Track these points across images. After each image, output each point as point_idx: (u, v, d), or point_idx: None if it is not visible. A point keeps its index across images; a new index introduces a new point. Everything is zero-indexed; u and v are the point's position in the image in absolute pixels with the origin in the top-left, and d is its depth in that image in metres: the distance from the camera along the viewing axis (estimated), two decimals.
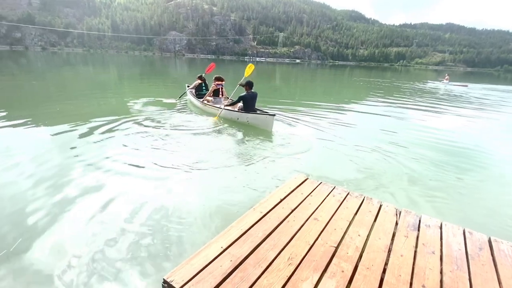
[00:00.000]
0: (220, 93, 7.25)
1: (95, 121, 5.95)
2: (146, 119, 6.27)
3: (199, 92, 8.12)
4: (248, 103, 5.90)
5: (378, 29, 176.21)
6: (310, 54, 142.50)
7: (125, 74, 20.97)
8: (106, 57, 53.14)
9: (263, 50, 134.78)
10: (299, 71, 41.57)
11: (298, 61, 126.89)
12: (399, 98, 12.84)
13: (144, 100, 8.77)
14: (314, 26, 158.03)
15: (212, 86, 7.31)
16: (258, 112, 5.93)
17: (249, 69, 6.77)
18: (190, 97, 8.06)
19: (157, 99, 8.98)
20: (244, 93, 5.92)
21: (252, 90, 5.98)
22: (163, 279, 1.50)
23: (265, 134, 5.41)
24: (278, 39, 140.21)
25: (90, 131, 5.30)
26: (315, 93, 15.17)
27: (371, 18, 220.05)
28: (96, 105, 7.92)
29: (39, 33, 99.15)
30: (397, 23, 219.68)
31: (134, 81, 16.40)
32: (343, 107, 9.73)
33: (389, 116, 8.32)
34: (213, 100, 7.10)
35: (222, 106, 6.35)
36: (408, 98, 13.02)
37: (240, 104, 6.03)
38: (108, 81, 15.61)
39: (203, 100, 7.13)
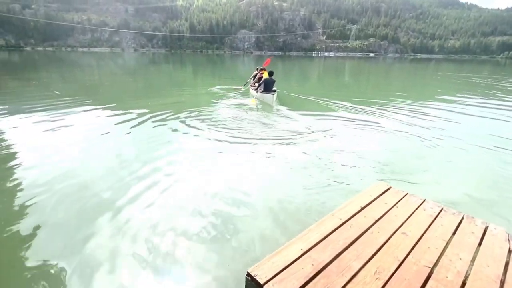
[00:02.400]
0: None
1: (175, 111, 7.02)
2: (216, 108, 7.50)
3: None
4: (268, 86, 8.67)
5: (476, 15, 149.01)
6: (386, 47, 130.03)
7: (199, 71, 23.02)
8: (183, 56, 58.96)
9: (332, 44, 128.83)
10: (371, 66, 38.73)
11: (372, 55, 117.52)
12: (498, 98, 10.75)
13: (215, 90, 10.56)
14: (393, 16, 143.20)
15: (257, 75, 9.83)
16: (271, 92, 8.38)
17: (265, 74, 9.12)
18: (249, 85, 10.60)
19: (224, 87, 11.09)
20: (266, 79, 8.74)
21: (271, 77, 8.83)
22: (247, 271, 1.58)
23: (336, 135, 5.54)
24: (350, 32, 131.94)
25: (170, 120, 6.26)
26: (390, 89, 13.95)
27: (467, 3, 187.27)
28: (176, 98, 9.32)
29: (132, 37, 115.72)
30: (503, 7, 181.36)
31: (207, 76, 18.09)
32: (426, 105, 8.72)
33: (497, 119, 7.10)
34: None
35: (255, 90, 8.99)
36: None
37: (261, 87, 8.72)
38: (185, 77, 17.55)
39: (250, 86, 9.85)
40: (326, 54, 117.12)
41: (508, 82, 17.23)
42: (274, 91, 8.62)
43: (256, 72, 10.42)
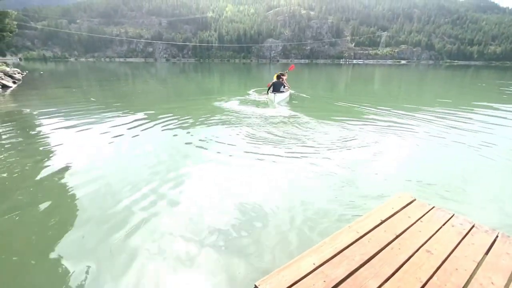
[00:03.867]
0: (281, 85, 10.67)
1: (203, 118, 7.28)
2: (240, 116, 7.63)
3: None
4: (276, 87, 10.32)
5: None
6: (419, 53, 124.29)
7: (226, 79, 23.60)
8: (212, 65, 60.91)
9: (361, 51, 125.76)
10: (402, 73, 37.08)
11: (403, 62, 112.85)
12: None
13: (239, 99, 10.63)
14: (427, 21, 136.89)
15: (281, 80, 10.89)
16: (275, 92, 9.96)
17: (275, 76, 10.95)
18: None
19: (249, 94, 11.63)
20: (274, 81, 10.54)
21: (279, 79, 10.56)
22: (255, 285, 1.54)
23: (361, 142, 5.43)
24: (380, 39, 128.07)
25: (195, 127, 6.48)
26: (423, 97, 13.30)
27: (508, 8, 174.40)
28: (203, 105, 9.62)
29: (165, 47, 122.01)
30: None
31: (233, 84, 18.49)
32: (462, 115, 8.21)
33: None
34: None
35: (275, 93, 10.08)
36: None
37: (271, 88, 10.40)
38: (212, 85, 18.13)
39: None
40: (354, 61, 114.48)
41: None
42: (281, 91, 10.33)
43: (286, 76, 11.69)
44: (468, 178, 3.87)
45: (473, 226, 2.09)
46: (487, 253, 1.81)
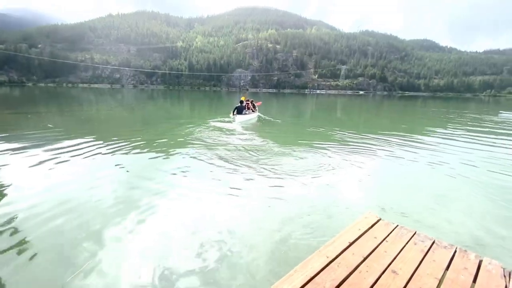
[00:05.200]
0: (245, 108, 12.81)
1: (169, 146, 7.11)
2: (209, 142, 7.61)
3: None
4: (238, 110, 12.17)
5: (456, 57, 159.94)
6: (375, 85, 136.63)
7: (195, 106, 23.57)
8: (182, 93, 60.85)
9: (324, 82, 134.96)
10: (362, 103, 40.04)
11: (361, 92, 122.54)
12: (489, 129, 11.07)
13: (208, 125, 10.74)
14: (379, 57, 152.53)
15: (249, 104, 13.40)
16: (236, 115, 11.79)
17: (243, 98, 13.22)
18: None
19: (219, 119, 11.91)
20: (237, 105, 12.39)
21: (241, 104, 12.46)
22: None
23: (327, 165, 5.67)
24: (340, 72, 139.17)
25: (162, 155, 6.21)
26: (382, 123, 14.33)
27: (446, 46, 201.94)
28: (171, 132, 9.53)
29: (132, 74, 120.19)
30: (480, 50, 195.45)
31: (203, 110, 18.49)
32: (417, 138, 8.94)
33: (476, 149, 7.23)
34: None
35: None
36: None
37: (235, 111, 12.17)
38: (181, 111, 17.95)
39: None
40: (318, 91, 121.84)
41: (492, 117, 17.90)
42: (245, 113, 12.40)
43: (250, 102, 13.85)
44: (427, 194, 4.13)
45: (433, 243, 2.17)
46: (447, 268, 1.87)
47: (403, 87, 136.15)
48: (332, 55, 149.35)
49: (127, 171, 5.03)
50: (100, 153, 6.25)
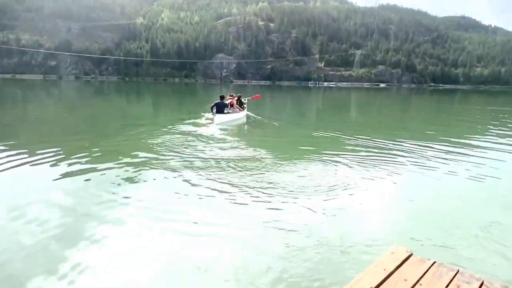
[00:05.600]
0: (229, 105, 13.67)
1: (126, 157, 7.16)
2: (181, 152, 7.77)
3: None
4: (218, 107, 12.84)
5: (503, 40, 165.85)
6: (399, 76, 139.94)
7: (161, 104, 23.48)
8: (142, 86, 60.65)
9: (333, 72, 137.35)
10: (383, 99, 40.88)
11: (382, 85, 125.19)
12: None
13: (179, 130, 10.92)
14: (405, 39, 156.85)
15: (235, 100, 14.40)
16: (215, 113, 12.63)
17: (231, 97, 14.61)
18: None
19: (189, 127, 11.60)
20: (217, 102, 13.13)
21: (221, 100, 13.28)
22: None
23: (342, 183, 5.80)
24: (354, 58, 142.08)
25: (112, 172, 6.21)
26: (409, 126, 14.68)
27: (490, 26, 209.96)
28: (126, 139, 9.61)
29: (74, 61, 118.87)
30: None
31: (171, 110, 18.42)
32: (456, 145, 9.19)
33: None
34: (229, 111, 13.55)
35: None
36: None
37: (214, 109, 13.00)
38: (142, 111, 17.83)
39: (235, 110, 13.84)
40: (325, 84, 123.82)
41: None
42: (227, 112, 13.15)
43: (236, 98, 14.63)
44: (473, 220, 4.20)
45: (482, 284, 2.19)
46: None
47: (436, 78, 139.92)
48: (343, 36, 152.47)
49: (64, 195, 4.90)
50: (26, 169, 6.09)
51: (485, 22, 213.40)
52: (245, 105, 15.77)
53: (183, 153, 7.69)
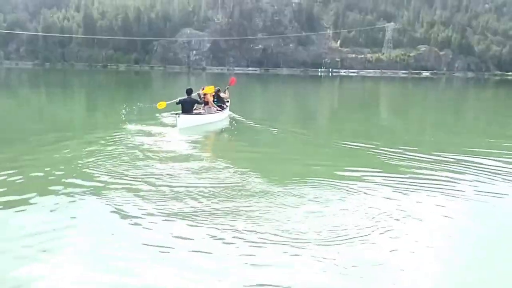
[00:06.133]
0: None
1: (39, 184, 7.08)
2: (126, 174, 7.69)
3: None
4: (184, 106, 13.40)
5: None
6: (450, 60, 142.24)
7: (99, 102, 23.25)
8: (70, 76, 60.08)
9: (353, 55, 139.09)
10: (428, 93, 41.34)
11: (425, 73, 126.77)
12: None
13: (124, 139, 11.11)
14: (457, 8, 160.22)
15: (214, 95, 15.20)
16: (179, 114, 12.86)
17: (209, 89, 14.79)
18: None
19: (141, 138, 11.54)
20: (181, 98, 13.70)
21: (190, 96, 13.78)
22: None
23: (359, 215, 5.84)
24: (385, 35, 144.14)
25: (22, 203, 6.17)
26: (466, 133, 15.01)
27: None
28: (39, 159, 9.22)
29: None
30: None
31: (114, 112, 18.24)
32: None
33: None
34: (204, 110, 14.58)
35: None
36: None
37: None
38: (69, 114, 17.55)
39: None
40: (343, 72, 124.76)
41: None
42: (198, 112, 13.90)
43: (214, 93, 15.26)
44: None
45: None
46: None
47: (504, 64, 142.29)
48: (366, 3, 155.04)
49: None
50: None
51: None
52: (227, 103, 16.17)
53: (126, 178, 7.50)
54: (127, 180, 7.33)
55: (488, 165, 8.93)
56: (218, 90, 15.68)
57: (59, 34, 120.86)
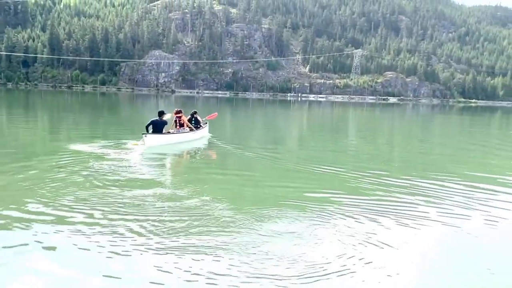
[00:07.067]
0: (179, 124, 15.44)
1: None
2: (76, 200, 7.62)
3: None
4: (155, 127, 14.00)
5: None
6: (416, 87, 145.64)
7: (61, 124, 22.61)
8: (32, 96, 58.63)
9: (322, 80, 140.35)
10: (396, 118, 41.95)
11: (392, 99, 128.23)
12: None
13: (82, 161, 11.18)
14: (422, 35, 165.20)
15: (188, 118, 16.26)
16: (151, 134, 13.70)
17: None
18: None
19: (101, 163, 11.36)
20: (153, 120, 14.37)
21: (159, 117, 14.37)
22: None
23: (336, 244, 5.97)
24: (353, 61, 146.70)
25: None
26: (436, 157, 15.15)
27: None
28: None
29: None
30: None
31: (71, 139, 17.69)
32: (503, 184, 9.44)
33: None
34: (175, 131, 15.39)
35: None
36: None
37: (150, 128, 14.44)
38: (20, 141, 16.88)
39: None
40: (312, 97, 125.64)
41: None
42: (172, 132, 14.60)
43: (190, 116, 16.35)
44: None
45: None
46: None
47: (467, 91, 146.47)
48: (335, 29, 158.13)
49: None
50: None
51: None
52: (203, 125, 16.85)
53: (85, 204, 7.31)
54: (80, 206, 7.18)
55: (452, 188, 9.58)
56: (195, 112, 16.32)
57: (22, 54, 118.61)
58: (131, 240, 5.86)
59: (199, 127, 16.01)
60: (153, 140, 12.88)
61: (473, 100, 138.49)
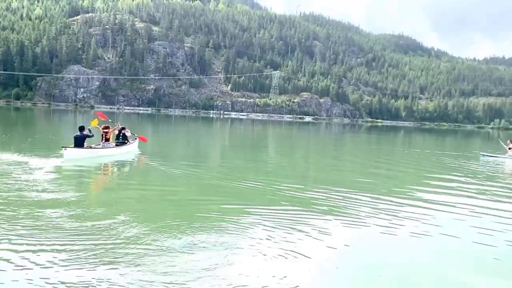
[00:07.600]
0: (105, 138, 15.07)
1: None
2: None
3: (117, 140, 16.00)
4: (76, 141, 13.71)
5: (448, 67, 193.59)
6: (328, 107, 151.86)
7: None
8: None
9: (243, 99, 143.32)
10: (311, 135, 43.29)
11: (308, 118, 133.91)
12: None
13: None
14: (334, 59, 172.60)
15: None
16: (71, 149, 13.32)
17: (94, 123, 15.24)
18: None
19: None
20: (75, 134, 14.03)
21: (80, 132, 13.94)
22: None
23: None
24: (272, 82, 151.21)
25: None
26: (344, 172, 16.78)
27: (433, 48, 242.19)
28: None
29: None
30: (479, 57, 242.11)
31: None
32: (399, 196, 10.66)
33: None
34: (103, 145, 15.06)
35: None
36: None
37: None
38: None
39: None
40: (233, 114, 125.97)
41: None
42: (90, 147, 14.31)
43: (118, 131, 16.06)
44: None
45: None
46: None
47: (374, 112, 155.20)
48: (256, 51, 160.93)
49: None
50: None
51: (426, 44, 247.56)
52: (131, 140, 16.62)
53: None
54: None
55: (360, 200, 9.89)
56: (123, 128, 16.14)
57: None
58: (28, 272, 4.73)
59: (126, 143, 15.90)
60: (72, 153, 12.73)
61: (379, 120, 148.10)
